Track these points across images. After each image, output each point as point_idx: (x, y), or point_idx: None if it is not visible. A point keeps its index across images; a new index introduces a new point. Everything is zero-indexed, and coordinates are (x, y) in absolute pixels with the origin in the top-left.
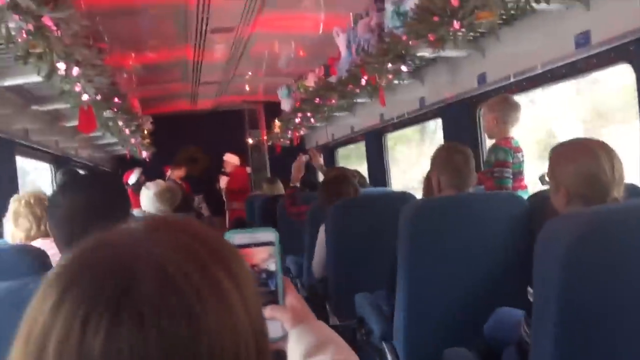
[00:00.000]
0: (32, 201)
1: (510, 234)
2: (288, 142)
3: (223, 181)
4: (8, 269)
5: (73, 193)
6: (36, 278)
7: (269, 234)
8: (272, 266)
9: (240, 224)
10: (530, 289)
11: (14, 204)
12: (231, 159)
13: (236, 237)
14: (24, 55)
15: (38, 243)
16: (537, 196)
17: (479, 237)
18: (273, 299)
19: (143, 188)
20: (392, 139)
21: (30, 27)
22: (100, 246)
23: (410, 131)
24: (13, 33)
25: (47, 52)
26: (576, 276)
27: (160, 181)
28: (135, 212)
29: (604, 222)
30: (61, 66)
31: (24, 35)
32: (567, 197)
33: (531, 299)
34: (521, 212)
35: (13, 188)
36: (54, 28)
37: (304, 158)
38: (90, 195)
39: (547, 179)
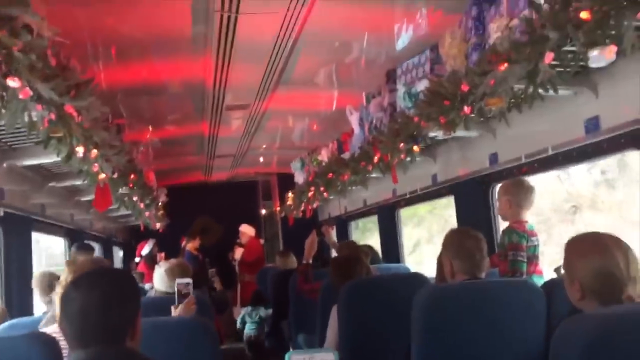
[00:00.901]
0: None
1: (526, 323)
2: (301, 214)
3: (238, 252)
4: (19, 357)
5: (86, 289)
6: None
7: (329, 355)
8: None
9: (258, 298)
10: None
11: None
12: (247, 230)
13: (297, 357)
14: (45, 140)
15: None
16: (553, 283)
17: (494, 326)
18: None
19: (156, 267)
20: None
21: (53, 116)
22: None
23: None
24: (35, 120)
25: (67, 136)
26: None
27: (172, 260)
28: (147, 286)
29: (617, 325)
30: (79, 149)
31: (46, 124)
32: (581, 291)
33: None
34: (537, 300)
35: (27, 262)
36: (75, 114)
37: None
38: (103, 291)
39: (562, 271)
